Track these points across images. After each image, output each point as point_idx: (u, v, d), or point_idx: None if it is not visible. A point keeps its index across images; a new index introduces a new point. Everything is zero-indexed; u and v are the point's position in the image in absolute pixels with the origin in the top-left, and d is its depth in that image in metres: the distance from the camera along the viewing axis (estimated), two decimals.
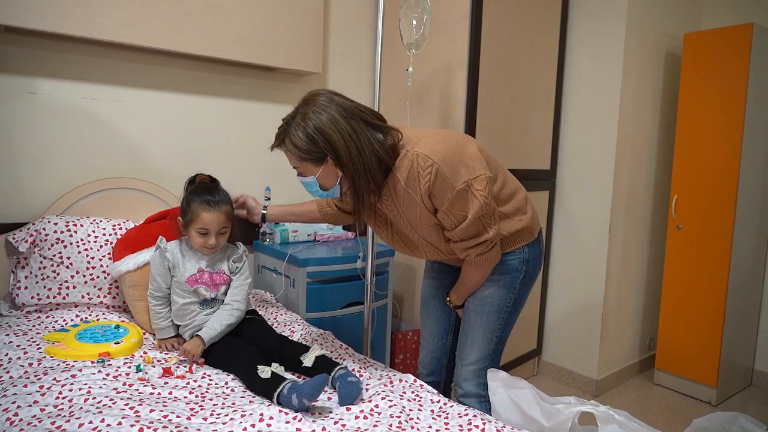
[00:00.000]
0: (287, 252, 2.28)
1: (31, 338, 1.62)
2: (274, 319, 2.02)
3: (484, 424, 1.27)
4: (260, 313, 1.96)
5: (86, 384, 1.34)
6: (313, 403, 1.32)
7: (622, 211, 2.93)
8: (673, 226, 2.98)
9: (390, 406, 1.35)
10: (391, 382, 1.51)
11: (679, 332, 2.99)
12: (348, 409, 1.33)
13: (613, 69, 2.79)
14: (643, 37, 2.88)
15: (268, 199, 2.48)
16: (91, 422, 1.15)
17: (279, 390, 1.34)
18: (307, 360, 1.50)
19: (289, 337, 1.75)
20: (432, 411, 1.36)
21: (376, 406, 1.35)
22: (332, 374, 1.46)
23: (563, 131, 3.03)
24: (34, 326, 1.72)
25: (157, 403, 1.29)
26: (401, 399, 1.40)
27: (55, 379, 1.36)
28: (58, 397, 1.28)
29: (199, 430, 1.18)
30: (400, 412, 1.33)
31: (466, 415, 1.33)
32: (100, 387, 1.34)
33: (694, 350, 2.92)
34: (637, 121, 2.94)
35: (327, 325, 2.11)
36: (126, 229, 1.99)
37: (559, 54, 2.93)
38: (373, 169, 1.35)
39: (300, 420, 1.23)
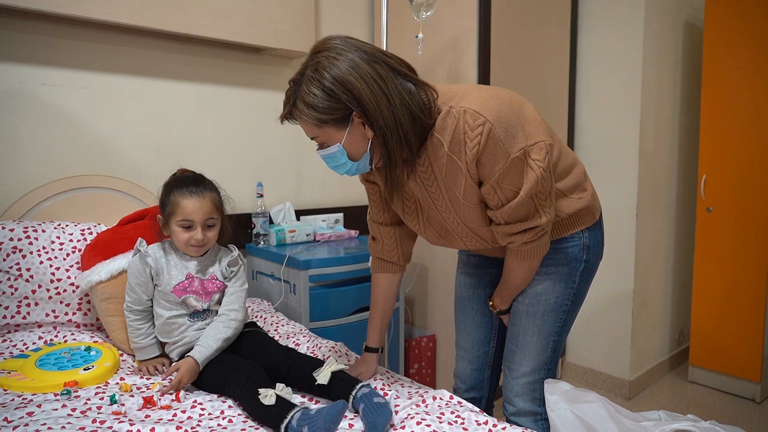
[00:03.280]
0: (285, 254, 2.01)
1: None
2: (275, 330, 1.75)
3: None
4: (259, 325, 1.69)
5: (44, 424, 1.06)
6: None
7: (648, 195, 2.69)
8: (702, 209, 2.75)
9: None
10: (423, 401, 1.24)
11: (714, 324, 2.75)
12: None
13: (633, 40, 2.56)
14: (662, 5, 2.65)
15: (261, 196, 2.21)
16: None
17: (287, 421, 1.09)
18: (322, 377, 1.23)
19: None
20: None
21: None
22: (353, 393, 1.20)
23: (579, 109, 2.79)
24: None
25: None
26: (440, 422, 1.13)
27: (6, 419, 1.08)
28: None
29: None
30: None
31: None
32: (63, 427, 1.06)
33: (733, 343, 2.68)
34: (659, 97, 2.71)
35: (334, 335, 1.85)
36: (97, 233, 1.70)
37: (572, 26, 2.70)
38: (405, 125, 1.07)
39: None
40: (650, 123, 2.65)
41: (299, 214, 2.42)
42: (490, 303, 1.42)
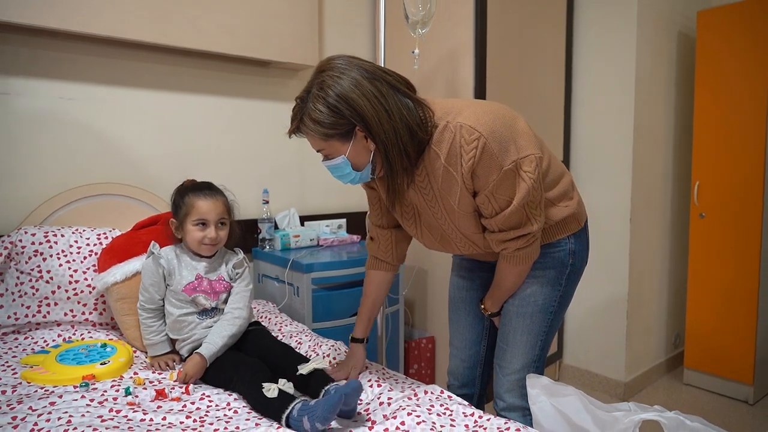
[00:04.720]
0: (289, 258, 2.11)
1: (6, 362, 1.45)
2: (279, 330, 1.84)
3: None
4: (264, 325, 1.79)
5: (66, 412, 1.16)
6: (327, 426, 1.15)
7: (642, 201, 2.76)
8: (695, 215, 2.82)
9: (418, 423, 1.17)
10: (415, 395, 1.33)
11: (708, 327, 2.81)
12: (371, 429, 1.15)
13: (627, 49, 2.64)
14: (656, 16, 2.73)
15: (266, 202, 2.31)
16: None
17: (288, 411, 1.18)
18: (305, 369, 1.34)
19: (297, 350, 1.59)
20: (467, 426, 1.18)
21: (402, 423, 1.17)
22: (326, 387, 1.31)
23: (575, 117, 2.87)
24: (10, 349, 1.55)
25: (148, 431, 1.12)
26: (429, 414, 1.22)
27: (30, 408, 1.18)
28: (32, 430, 1.10)
29: None
30: (431, 430, 1.15)
31: (507, 429, 1.15)
32: (83, 415, 1.16)
33: (726, 346, 2.74)
34: (653, 105, 2.79)
35: (336, 335, 1.94)
36: (112, 237, 1.81)
37: (567, 36, 2.78)
38: (404, 138, 1.16)
39: None
40: (644, 130, 2.73)
41: (303, 219, 2.52)
42: (482, 306, 1.49)
